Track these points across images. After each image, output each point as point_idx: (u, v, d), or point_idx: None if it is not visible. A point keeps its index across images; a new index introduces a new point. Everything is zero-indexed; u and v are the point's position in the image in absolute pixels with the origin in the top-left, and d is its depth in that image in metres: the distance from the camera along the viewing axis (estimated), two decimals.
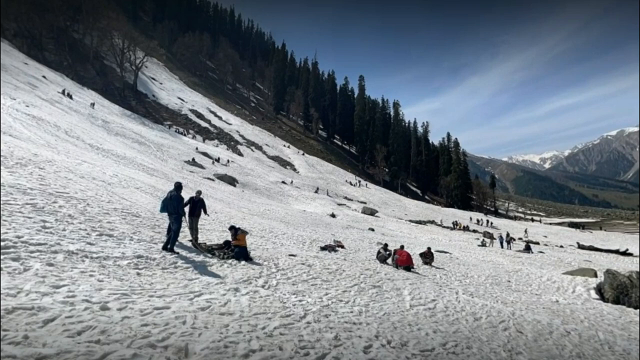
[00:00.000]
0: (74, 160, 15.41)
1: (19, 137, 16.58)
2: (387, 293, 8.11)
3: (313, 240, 15.26)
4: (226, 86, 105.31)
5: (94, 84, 59.18)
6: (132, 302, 4.31)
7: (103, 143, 26.97)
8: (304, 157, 76.53)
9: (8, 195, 7.35)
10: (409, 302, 7.66)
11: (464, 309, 7.83)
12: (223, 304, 5.00)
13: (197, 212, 8.83)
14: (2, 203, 6.76)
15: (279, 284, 7.01)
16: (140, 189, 14.93)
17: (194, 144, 52.25)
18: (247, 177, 44.13)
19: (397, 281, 9.66)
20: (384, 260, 12.69)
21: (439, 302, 8.04)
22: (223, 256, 8.10)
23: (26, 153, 12.37)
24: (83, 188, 10.61)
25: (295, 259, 9.75)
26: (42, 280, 4.27)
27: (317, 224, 24.58)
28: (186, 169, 36.07)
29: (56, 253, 5.34)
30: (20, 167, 10.13)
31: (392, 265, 12.27)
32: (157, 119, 60.85)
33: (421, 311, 7.06)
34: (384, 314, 6.37)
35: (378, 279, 9.48)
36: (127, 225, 8.44)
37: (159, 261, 6.56)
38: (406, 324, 5.98)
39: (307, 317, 5.18)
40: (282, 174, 57.30)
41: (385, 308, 6.77)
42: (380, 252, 13.10)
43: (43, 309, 3.54)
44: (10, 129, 17.80)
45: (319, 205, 40.40)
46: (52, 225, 6.58)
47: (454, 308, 7.79)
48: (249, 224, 15.42)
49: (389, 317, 6.18)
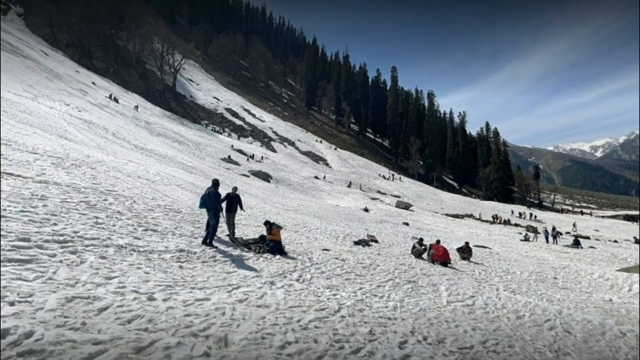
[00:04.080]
0: (121, 160, 16.48)
1: (73, 140, 17.97)
2: (422, 288, 7.97)
3: (346, 234, 15.27)
4: (259, 84, 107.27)
5: (137, 87, 62.69)
6: (175, 293, 4.56)
7: (146, 143, 28.58)
8: (336, 151, 76.38)
9: (66, 194, 8.02)
10: (445, 298, 7.47)
11: (505, 307, 7.51)
12: (259, 296, 5.16)
13: (233, 207, 9.13)
14: (61, 201, 7.39)
15: (313, 277, 7.10)
16: (181, 186, 15.68)
17: (230, 142, 53.89)
18: (280, 173, 44.85)
19: (433, 276, 9.45)
20: (419, 255, 12.44)
21: (478, 299, 7.77)
22: (259, 250, 8.34)
23: (80, 155, 13.40)
24: (130, 186, 11.34)
25: (329, 254, 9.82)
26: (96, 272, 4.64)
27: (350, 218, 24.53)
28: (222, 166, 37.34)
29: (107, 247, 5.76)
30: (75, 168, 11.00)
31: (428, 261, 12.00)
32: (194, 119, 63.38)
33: (459, 308, 6.87)
34: (420, 309, 6.27)
35: (413, 274, 9.32)
36: (170, 221, 8.91)
37: (199, 255, 6.88)
38: (443, 320, 5.85)
39: (342, 311, 5.21)
40: (314, 169, 57.63)
41: (421, 304, 6.65)
42: (415, 246, 12.86)
43: (97, 298, 3.85)
44: (65, 132, 19.34)
45: (351, 200, 40.26)
46: (104, 221, 7.09)
47: (494, 305, 7.50)
48: (283, 219, 15.71)
49: (425, 313, 6.08)
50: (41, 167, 9.73)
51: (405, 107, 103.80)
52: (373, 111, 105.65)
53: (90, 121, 26.96)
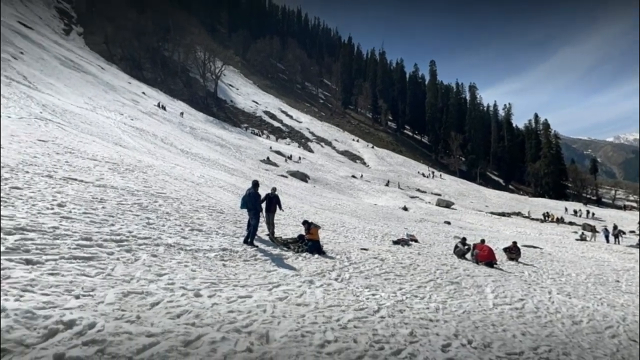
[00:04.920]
0: (169, 164, 17.53)
1: (127, 146, 19.40)
2: (466, 290, 7.66)
3: (385, 234, 15.06)
4: (295, 85, 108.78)
5: (182, 95, 66.28)
6: (219, 290, 4.77)
7: (191, 148, 30.13)
8: (374, 150, 75.50)
9: (121, 197, 8.69)
10: (492, 300, 7.13)
11: (559, 311, 7.02)
12: (299, 295, 5.25)
13: (272, 207, 9.37)
14: (117, 203, 8.02)
15: (352, 277, 7.09)
16: (223, 187, 16.35)
17: (268, 144, 55.22)
18: (317, 173, 45.19)
19: (478, 278, 9.04)
20: (462, 255, 11.96)
21: (527, 302, 7.33)
22: (297, 249, 8.48)
23: (132, 160, 14.45)
24: (177, 188, 12.04)
25: (368, 253, 9.75)
26: (148, 269, 4.98)
27: (389, 217, 24.14)
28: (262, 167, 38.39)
29: (158, 246, 6.16)
30: (128, 173, 11.87)
31: (472, 261, 11.50)
32: (235, 122, 65.74)
33: (506, 311, 6.53)
34: (464, 312, 6.04)
35: (456, 274, 8.99)
36: (214, 221, 9.33)
37: (241, 254, 7.14)
38: (489, 323, 5.59)
39: (381, 312, 5.16)
40: (351, 168, 57.38)
41: (465, 306, 6.40)
42: (457, 246, 12.38)
43: (150, 293, 4.13)
44: (120, 140, 20.93)
45: (390, 199, 39.59)
46: (154, 221, 7.59)
47: (546, 309, 7.03)
48: (321, 219, 15.82)
49: (469, 316, 5.84)
50: (100, 172, 10.62)
51: (445, 102, 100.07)
52: (411, 108, 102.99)
53: (141, 128, 28.96)
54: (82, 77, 41.51)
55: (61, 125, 17.98)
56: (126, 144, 20.39)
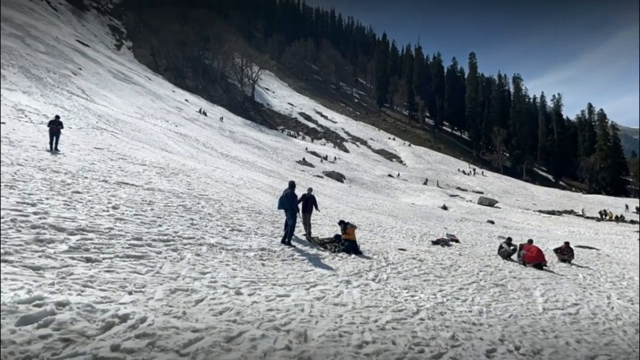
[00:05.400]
0: (210, 167, 18.33)
1: (172, 151, 20.55)
2: (512, 293, 7.26)
3: (423, 234, 14.67)
4: (330, 86, 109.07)
5: (221, 100, 69.04)
6: (259, 289, 4.92)
7: (231, 151, 31.28)
8: (411, 148, 73.76)
9: (167, 199, 9.24)
10: (541, 304, 6.70)
11: (619, 318, 6.44)
12: (336, 295, 5.27)
13: (309, 208, 9.48)
14: (164, 205, 8.53)
15: (390, 278, 6.99)
16: (261, 189, 16.80)
17: (304, 145, 55.87)
18: (353, 173, 44.98)
19: (526, 280, 8.54)
20: (508, 256, 11.35)
21: (582, 307, 6.80)
22: (334, 249, 8.51)
23: (177, 164, 15.29)
24: (218, 190, 12.56)
25: (406, 253, 9.56)
26: (192, 268, 5.25)
27: (428, 217, 23.47)
28: (298, 168, 38.93)
29: (201, 245, 6.47)
30: (174, 176, 12.58)
31: (518, 262, 10.88)
32: (271, 125, 67.26)
33: (558, 316, 6.10)
34: (510, 315, 5.73)
35: (501, 276, 8.55)
36: (252, 222, 9.62)
37: (279, 253, 7.30)
38: (539, 329, 5.26)
39: (421, 314, 5.04)
40: (388, 167, 56.49)
41: (511, 309, 6.07)
42: (502, 247, 11.76)
43: (194, 291, 4.35)
44: (166, 145, 22.24)
45: (428, 198, 38.48)
46: (197, 222, 7.98)
47: (604, 315, 6.49)
48: (357, 219, 15.74)
49: (516, 320, 5.54)
50: (149, 177, 11.36)
51: (486, 96, 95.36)
52: (449, 103, 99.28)
53: (185, 134, 30.53)
54: (131, 88, 44.56)
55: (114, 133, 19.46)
56: (171, 149, 21.61)
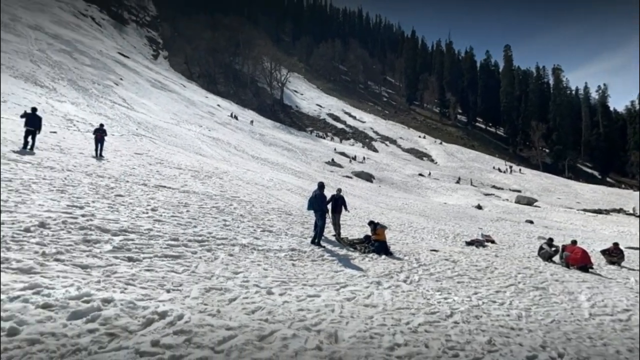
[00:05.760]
0: (242, 170, 18.81)
1: (205, 155, 21.31)
2: (555, 297, 6.86)
3: (457, 234, 14.23)
4: (358, 86, 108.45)
5: (251, 104, 70.67)
6: (289, 289, 4.99)
7: (261, 153, 31.94)
8: (442, 146, 71.74)
9: (202, 201, 9.60)
10: (587, 309, 6.28)
11: None
12: (366, 296, 5.24)
13: (338, 208, 9.47)
14: (198, 207, 8.87)
15: (421, 279, 6.84)
16: (291, 190, 17.01)
17: (333, 145, 55.96)
18: (383, 173, 44.45)
19: (569, 283, 8.04)
20: (549, 258, 10.74)
21: (634, 314, 6.31)
22: (364, 250, 8.45)
23: (210, 167, 15.84)
24: (249, 192, 12.88)
25: (438, 254, 9.32)
26: (226, 267, 5.42)
27: (461, 217, 22.72)
28: (327, 169, 39.04)
29: (234, 246, 6.66)
30: (207, 179, 13.05)
31: (561, 264, 10.27)
32: (300, 127, 67.93)
33: (607, 322, 5.70)
34: (552, 321, 5.43)
35: (542, 279, 8.11)
36: (283, 222, 9.77)
37: (309, 254, 7.36)
38: (585, 336, 4.94)
39: (455, 317, 4.90)
40: (418, 166, 55.29)
41: (554, 314, 5.75)
42: (543, 248, 11.16)
43: (228, 290, 4.50)
44: (200, 149, 23.11)
45: (461, 197, 37.23)
46: (230, 223, 8.22)
47: None
48: (387, 219, 15.54)
49: (559, 326, 5.23)
50: (184, 180, 11.86)
51: (523, 89, 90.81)
52: (483, 98, 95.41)
53: (217, 138, 31.55)
54: (168, 96, 46.68)
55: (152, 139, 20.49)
56: (205, 152, 22.41)
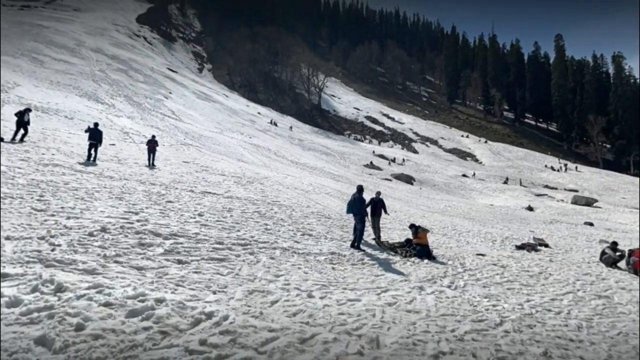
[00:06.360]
0: (282, 175, 19.25)
1: (247, 161, 22.08)
2: (621, 307, 6.24)
3: (505, 237, 13.45)
4: (396, 87, 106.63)
5: (290, 110, 72.21)
6: (330, 292, 5.01)
7: (300, 158, 32.44)
8: (487, 145, 68.24)
9: (244, 206, 9.96)
10: None
11: None
12: (409, 301, 5.11)
13: (378, 211, 9.36)
14: (241, 212, 9.20)
15: (467, 285, 6.55)
16: (330, 194, 17.09)
17: (371, 148, 55.42)
18: (423, 174, 43.23)
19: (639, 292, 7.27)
20: (613, 264, 9.79)
21: None
22: (405, 254, 8.26)
23: (252, 173, 16.39)
24: (289, 196, 13.14)
25: (485, 259, 8.86)
26: (267, 270, 5.57)
27: (510, 219, 21.44)
28: (365, 172, 38.71)
29: (275, 249, 6.82)
30: (249, 184, 13.51)
31: (628, 271, 9.30)
32: (338, 131, 68.10)
33: None
34: (619, 333, 4.94)
35: (605, 287, 7.41)
36: (322, 226, 9.84)
37: (349, 257, 7.34)
38: None
39: (505, 325, 4.63)
40: (462, 167, 53.04)
41: (620, 326, 5.23)
42: (606, 252, 10.19)
43: (270, 292, 4.61)
44: (242, 156, 24.01)
45: (509, 198, 35.11)
46: (271, 227, 8.44)
47: None
48: (429, 222, 15.08)
49: (627, 339, 4.75)
50: (228, 186, 12.38)
51: (578, 80, 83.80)
52: (532, 93, 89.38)
53: (258, 144, 32.57)
54: (212, 106, 49.06)
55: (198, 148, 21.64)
56: (246, 159, 23.23)
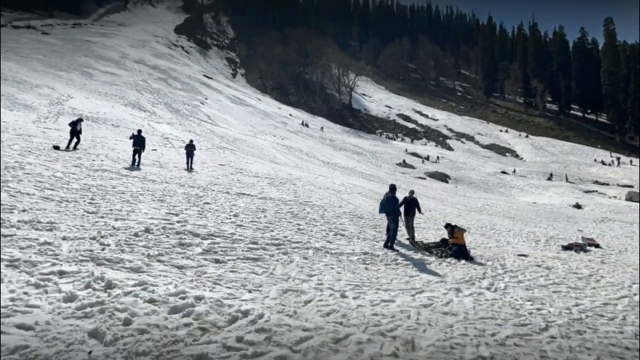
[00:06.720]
0: (313, 175, 19.40)
1: (279, 162, 22.47)
2: None
3: (550, 237, 12.69)
4: (429, 83, 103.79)
5: (321, 111, 72.57)
6: (363, 292, 4.98)
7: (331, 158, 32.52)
8: (528, 139, 64.64)
9: (277, 206, 10.15)
10: None
11: None
12: (445, 303, 4.97)
13: (411, 211, 9.17)
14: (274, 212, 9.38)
15: (508, 287, 6.24)
16: (362, 193, 16.99)
17: (403, 146, 54.40)
18: (459, 172, 41.80)
19: None
20: None
21: None
22: (441, 254, 8.03)
23: (284, 174, 16.66)
24: (321, 197, 13.22)
25: (527, 260, 8.40)
26: (301, 270, 5.64)
27: (555, 217, 20.20)
28: (398, 171, 38.06)
29: (308, 249, 6.89)
30: (282, 185, 13.74)
31: None
32: (369, 130, 67.48)
33: None
34: None
35: None
36: (354, 226, 9.81)
37: (382, 258, 7.26)
38: None
39: (550, 330, 4.36)
40: (500, 163, 50.65)
41: None
42: None
43: (303, 292, 4.67)
44: (274, 158, 24.48)
45: (554, 195, 33.03)
46: (304, 227, 8.54)
47: None
48: (465, 221, 14.55)
49: None
50: (261, 187, 12.68)
51: (631, 67, 76.91)
52: (578, 82, 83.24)
53: (290, 146, 33.04)
54: (245, 110, 50.42)
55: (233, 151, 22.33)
56: (279, 160, 23.65)
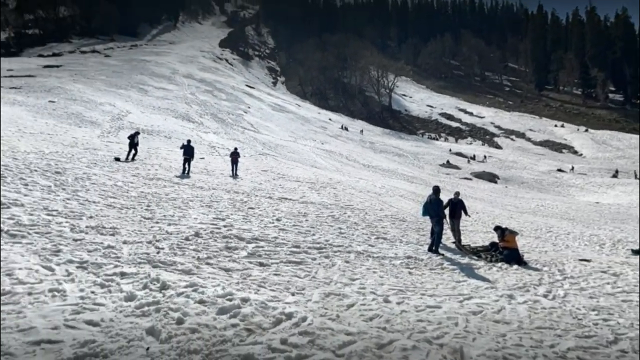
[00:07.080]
0: (354, 179, 19.33)
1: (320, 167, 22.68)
2: None
3: (617, 240, 11.50)
4: (473, 79, 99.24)
5: (360, 114, 72.31)
6: (407, 297, 4.85)
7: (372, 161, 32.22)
8: (588, 134, 59.33)
9: (318, 210, 10.24)
10: None
11: None
12: (496, 310, 4.69)
13: (457, 213, 8.80)
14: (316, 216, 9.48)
15: (568, 295, 5.74)
16: (404, 196, 16.61)
17: (447, 146, 52.48)
18: (509, 171, 39.41)
19: None
20: None
21: None
22: (490, 259, 7.59)
23: (325, 178, 16.79)
24: (362, 200, 13.13)
25: (591, 266, 7.67)
26: (343, 274, 5.63)
27: (622, 219, 18.30)
28: (442, 172, 36.74)
29: (349, 253, 6.86)
30: (322, 189, 13.86)
31: None
32: (410, 130, 65.91)
33: None
34: None
35: None
36: (397, 229, 9.61)
37: (427, 262, 7.03)
38: None
39: (620, 344, 3.94)
40: (556, 161, 46.97)
41: None
42: None
43: (346, 296, 4.65)
44: (315, 162, 24.77)
45: (621, 194, 29.91)
46: (345, 231, 8.52)
47: None
48: (517, 223, 13.65)
49: None
50: (302, 191, 12.88)
51: None
52: None
53: (330, 150, 33.24)
54: (286, 116, 51.65)
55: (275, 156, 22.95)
56: (319, 165, 23.89)
